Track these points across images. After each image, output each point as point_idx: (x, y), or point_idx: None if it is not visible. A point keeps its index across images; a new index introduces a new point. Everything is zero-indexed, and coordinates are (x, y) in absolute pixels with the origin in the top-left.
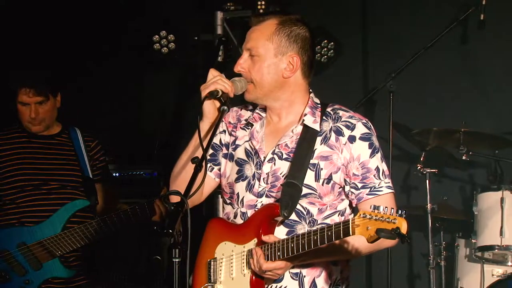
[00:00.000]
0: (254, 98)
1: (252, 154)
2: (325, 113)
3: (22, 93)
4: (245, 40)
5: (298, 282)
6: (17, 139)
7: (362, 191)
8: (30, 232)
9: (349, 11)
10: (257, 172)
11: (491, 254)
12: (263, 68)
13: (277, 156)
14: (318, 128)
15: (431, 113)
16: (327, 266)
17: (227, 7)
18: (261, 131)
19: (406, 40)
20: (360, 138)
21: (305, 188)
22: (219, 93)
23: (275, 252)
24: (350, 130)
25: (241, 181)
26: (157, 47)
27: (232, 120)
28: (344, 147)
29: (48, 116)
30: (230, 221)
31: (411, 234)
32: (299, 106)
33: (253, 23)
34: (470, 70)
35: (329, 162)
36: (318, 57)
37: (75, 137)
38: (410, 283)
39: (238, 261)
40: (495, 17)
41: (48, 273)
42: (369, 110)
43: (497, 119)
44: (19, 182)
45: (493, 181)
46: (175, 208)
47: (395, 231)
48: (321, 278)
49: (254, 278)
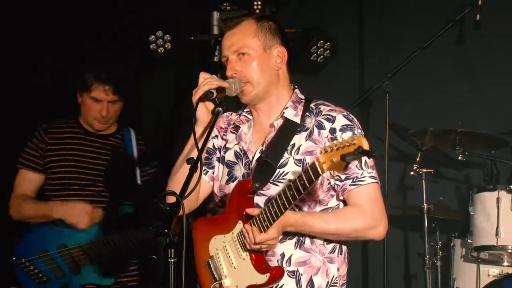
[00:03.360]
0: (252, 98)
1: (241, 156)
2: (308, 109)
3: (98, 89)
4: (227, 46)
5: (295, 281)
6: (72, 134)
7: (345, 182)
8: (71, 234)
9: (345, 11)
10: (246, 172)
11: (487, 254)
12: (257, 65)
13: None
14: (298, 121)
15: (427, 113)
16: (323, 264)
17: (223, 7)
18: (248, 132)
19: (402, 40)
20: (341, 130)
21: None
22: (214, 94)
23: (262, 223)
24: (330, 123)
25: (231, 183)
26: (153, 47)
27: (223, 125)
28: (326, 140)
29: (115, 116)
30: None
31: (407, 234)
32: (284, 101)
33: (228, 28)
34: (466, 71)
35: (315, 157)
36: (314, 57)
37: (129, 139)
38: (406, 283)
39: (233, 249)
40: (491, 18)
41: (86, 279)
42: (365, 110)
43: (493, 119)
44: (66, 179)
45: (489, 181)
46: (170, 208)
47: (358, 151)
48: (318, 276)
49: (253, 256)
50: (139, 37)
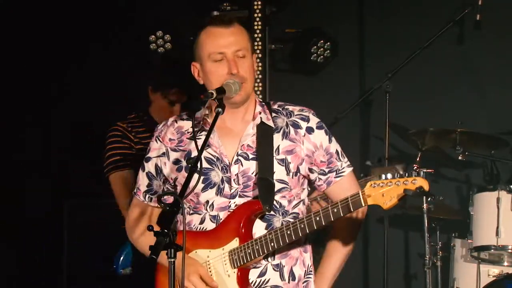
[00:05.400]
0: (245, 98)
1: (215, 160)
2: (273, 110)
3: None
4: (225, 44)
5: (279, 273)
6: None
7: (330, 175)
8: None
9: (345, 11)
10: (225, 176)
11: (487, 254)
12: (250, 66)
13: (243, 158)
14: (272, 125)
15: (427, 113)
16: (300, 254)
17: (224, 7)
18: (214, 136)
19: (403, 40)
20: (317, 128)
21: (279, 183)
22: (213, 94)
23: (268, 243)
24: (306, 122)
25: (209, 189)
26: (153, 47)
27: (172, 136)
28: (304, 139)
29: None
30: (195, 228)
31: (407, 234)
32: (252, 104)
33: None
34: (466, 71)
35: (294, 155)
36: (314, 58)
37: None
38: (406, 283)
39: (218, 265)
40: (491, 18)
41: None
42: (365, 110)
43: (493, 119)
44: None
45: (489, 181)
46: (170, 208)
47: (420, 189)
48: (297, 266)
49: (239, 274)
50: (139, 37)
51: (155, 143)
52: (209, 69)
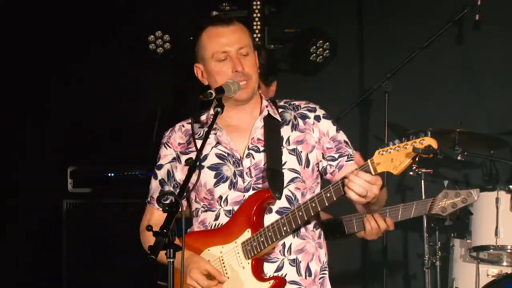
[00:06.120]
0: (251, 95)
1: (226, 156)
2: (279, 106)
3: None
4: (227, 42)
5: (296, 269)
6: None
7: (340, 160)
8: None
9: (345, 11)
10: (237, 170)
11: (486, 254)
12: (254, 64)
13: (254, 151)
14: (279, 118)
15: (426, 113)
16: (315, 250)
17: (223, 7)
18: (223, 134)
19: (402, 40)
20: (323, 117)
21: (291, 172)
22: (213, 94)
23: (281, 227)
24: (313, 112)
25: (221, 184)
26: (152, 47)
27: (181, 140)
28: (313, 127)
29: None
30: (210, 225)
31: (407, 234)
32: (258, 100)
33: (225, 24)
34: (465, 71)
35: (305, 144)
36: (314, 58)
37: None
38: (406, 283)
39: (232, 258)
40: (491, 18)
41: None
42: (365, 110)
43: (492, 119)
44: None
45: (488, 181)
46: (169, 208)
47: (429, 148)
48: (313, 262)
49: (254, 263)
50: (138, 37)
51: (165, 149)
52: (214, 69)
